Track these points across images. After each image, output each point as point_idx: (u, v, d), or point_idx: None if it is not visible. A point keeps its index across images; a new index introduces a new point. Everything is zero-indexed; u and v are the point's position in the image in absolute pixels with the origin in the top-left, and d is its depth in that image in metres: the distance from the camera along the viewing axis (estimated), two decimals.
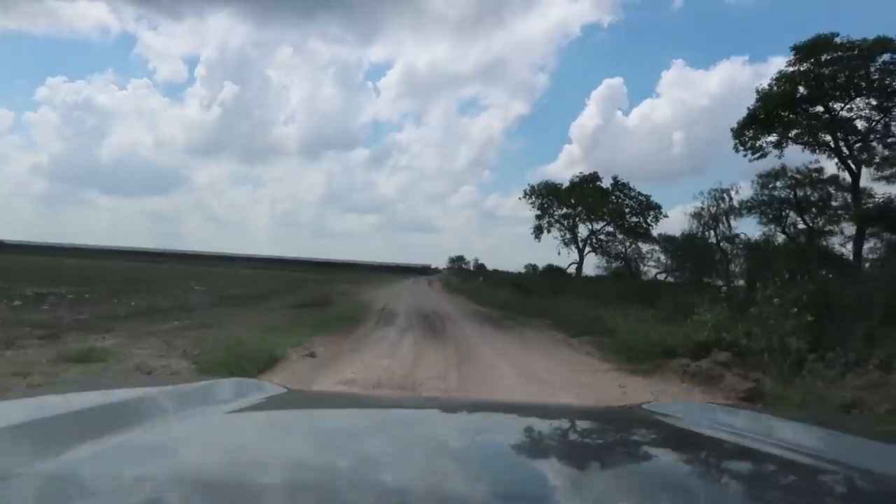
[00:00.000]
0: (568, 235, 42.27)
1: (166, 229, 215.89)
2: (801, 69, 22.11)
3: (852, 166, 24.04)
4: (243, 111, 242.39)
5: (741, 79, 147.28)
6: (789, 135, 24.09)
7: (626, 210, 39.91)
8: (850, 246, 24.85)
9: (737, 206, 45.12)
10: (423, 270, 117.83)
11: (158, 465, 0.87)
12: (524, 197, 41.93)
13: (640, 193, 40.78)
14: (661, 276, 46.72)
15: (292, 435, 1.16)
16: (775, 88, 22.97)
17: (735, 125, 25.49)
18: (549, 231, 42.37)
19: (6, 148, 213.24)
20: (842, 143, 23.28)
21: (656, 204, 40.59)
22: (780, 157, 25.24)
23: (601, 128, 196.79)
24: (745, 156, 26.98)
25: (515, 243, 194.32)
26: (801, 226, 35.98)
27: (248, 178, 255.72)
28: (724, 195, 46.25)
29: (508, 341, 12.58)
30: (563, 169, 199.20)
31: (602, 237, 41.78)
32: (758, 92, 23.61)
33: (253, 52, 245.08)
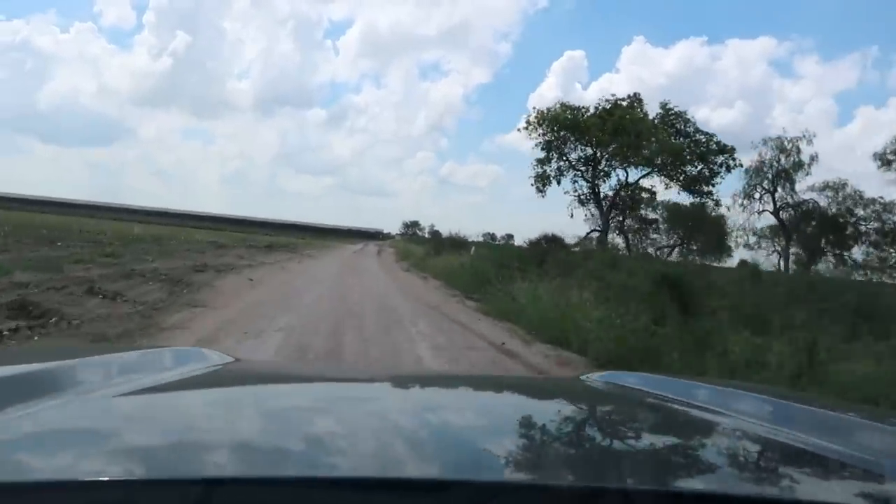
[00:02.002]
0: (585, 189, 27.29)
1: (109, 182, 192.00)
2: None
3: None
4: (195, 62, 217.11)
5: (698, 59, 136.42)
6: None
7: (686, 153, 25.00)
8: None
9: (805, 161, 31.43)
10: (374, 235, 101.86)
11: (98, 436, 0.79)
12: (526, 127, 26.56)
13: (697, 129, 25.97)
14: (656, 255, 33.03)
15: (241, 405, 1.05)
16: None
17: None
18: (558, 181, 27.29)
19: None
20: None
21: (726, 146, 25.88)
22: None
23: (559, 100, 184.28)
24: None
25: (469, 211, 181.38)
26: None
27: (198, 132, 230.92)
28: (791, 145, 32.34)
29: None
30: (521, 139, 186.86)
31: (643, 192, 26.99)
32: None
33: (208, 2, 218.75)
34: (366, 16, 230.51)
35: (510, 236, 73.14)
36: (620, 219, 29.58)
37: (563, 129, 25.63)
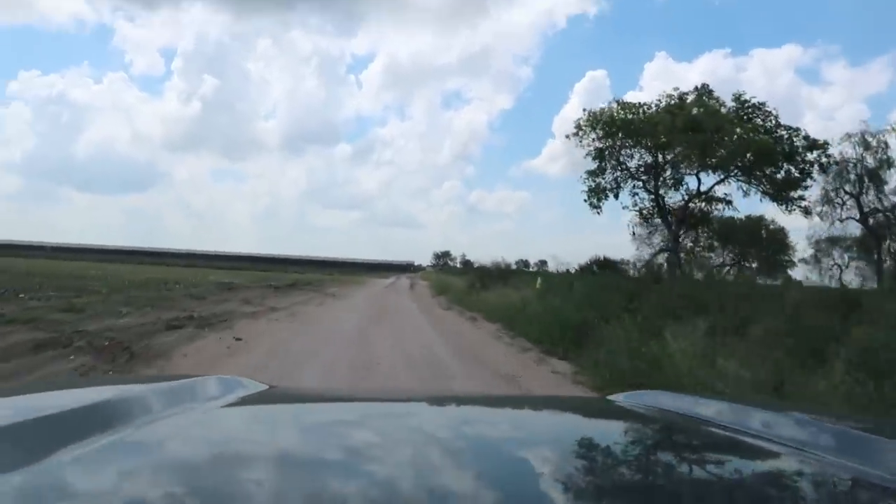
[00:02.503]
0: (647, 202, 23.24)
1: (145, 226, 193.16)
2: None
3: None
4: (223, 105, 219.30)
5: (722, 71, 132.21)
6: None
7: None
8: None
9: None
10: (405, 268, 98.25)
11: (145, 465, 0.79)
12: (576, 133, 22.70)
13: (779, 124, 21.72)
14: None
15: (279, 432, 1.06)
16: None
17: None
18: (616, 195, 23.25)
19: None
20: None
21: (816, 140, 21.56)
22: None
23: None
24: None
25: (498, 239, 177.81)
26: None
27: (229, 173, 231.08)
28: (877, 140, 27.73)
29: None
30: (546, 164, 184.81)
31: (718, 203, 22.73)
32: None
33: (232, 45, 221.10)
34: (387, 49, 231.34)
35: (544, 262, 69.15)
36: (677, 235, 25.44)
37: (620, 131, 21.69)
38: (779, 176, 21.06)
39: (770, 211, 31.65)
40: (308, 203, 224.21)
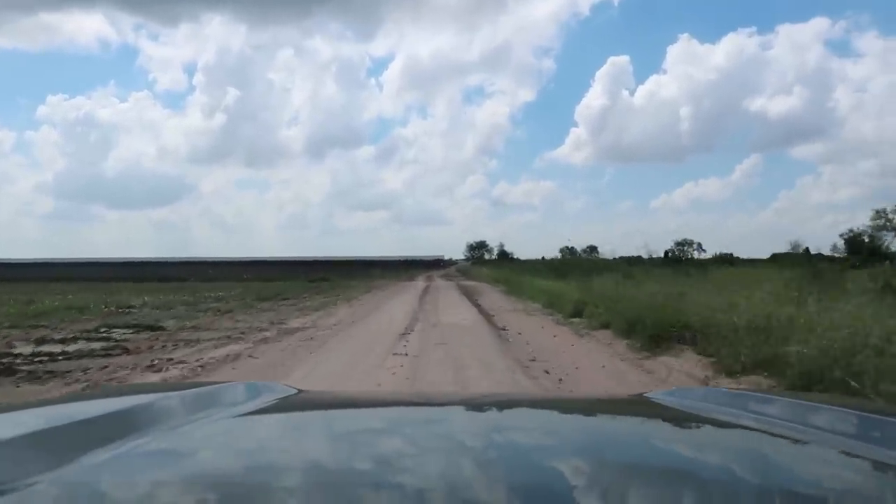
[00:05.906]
0: None
1: (175, 238, 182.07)
2: None
3: None
4: (246, 115, 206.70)
5: (749, 50, 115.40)
6: None
7: None
8: None
9: None
10: (435, 263, 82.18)
11: (175, 471, 0.79)
12: None
13: None
14: None
15: (309, 436, 1.03)
16: None
17: None
18: None
19: (10, 168, 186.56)
20: None
21: None
22: None
23: (607, 108, 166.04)
24: None
25: (526, 230, 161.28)
26: None
27: (254, 182, 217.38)
28: None
29: None
30: (571, 153, 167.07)
31: None
32: None
33: (252, 55, 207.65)
34: (406, 49, 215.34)
35: (593, 248, 52.90)
36: None
37: None
38: None
39: None
40: (334, 206, 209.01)
